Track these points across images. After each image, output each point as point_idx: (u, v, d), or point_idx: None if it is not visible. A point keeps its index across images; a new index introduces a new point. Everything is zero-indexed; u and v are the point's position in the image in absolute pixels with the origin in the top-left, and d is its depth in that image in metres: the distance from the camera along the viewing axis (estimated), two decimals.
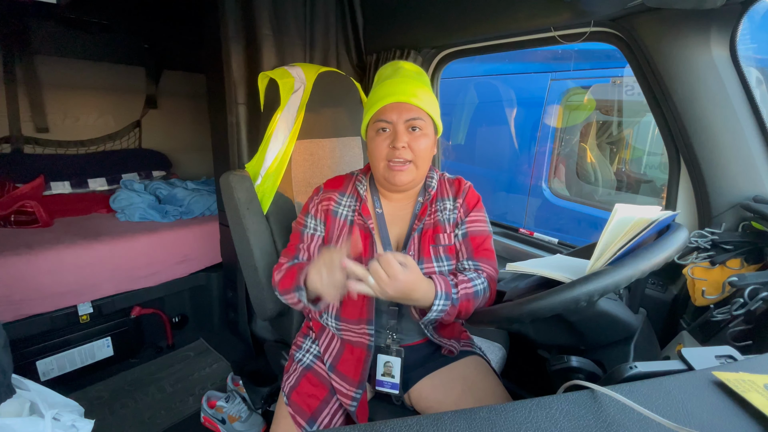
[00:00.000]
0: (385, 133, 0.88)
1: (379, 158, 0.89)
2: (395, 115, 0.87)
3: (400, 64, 0.95)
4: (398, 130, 0.87)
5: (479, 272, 0.89)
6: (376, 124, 0.89)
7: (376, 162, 0.91)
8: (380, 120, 0.88)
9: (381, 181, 0.95)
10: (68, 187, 2.32)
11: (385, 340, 0.93)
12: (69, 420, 0.76)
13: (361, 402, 0.89)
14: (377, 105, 0.88)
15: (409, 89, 0.87)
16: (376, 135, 0.89)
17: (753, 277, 0.75)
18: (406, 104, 0.87)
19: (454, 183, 0.99)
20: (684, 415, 0.39)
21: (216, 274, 2.09)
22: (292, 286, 0.85)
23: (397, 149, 0.86)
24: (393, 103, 0.87)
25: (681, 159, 1.06)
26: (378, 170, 0.92)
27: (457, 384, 0.90)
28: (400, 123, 0.87)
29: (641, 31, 0.99)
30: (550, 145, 2.37)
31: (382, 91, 0.89)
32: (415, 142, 0.87)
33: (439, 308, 0.79)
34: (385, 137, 0.88)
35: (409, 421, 0.41)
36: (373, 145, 0.90)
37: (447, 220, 0.94)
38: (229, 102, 1.44)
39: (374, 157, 0.91)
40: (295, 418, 0.86)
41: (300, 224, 0.99)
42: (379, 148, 0.89)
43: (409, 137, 0.87)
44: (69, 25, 2.22)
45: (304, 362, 0.97)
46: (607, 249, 0.67)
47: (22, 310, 1.55)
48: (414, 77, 0.91)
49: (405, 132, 0.87)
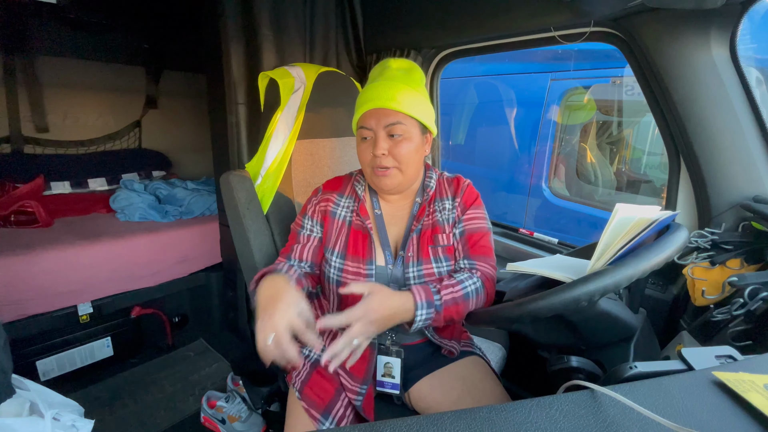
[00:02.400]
0: (367, 141, 0.88)
1: (365, 164, 0.90)
2: (374, 122, 0.85)
3: (388, 63, 0.93)
4: (378, 137, 0.85)
5: (473, 272, 0.88)
6: (360, 131, 0.89)
7: (363, 167, 0.92)
8: (362, 127, 0.88)
9: (372, 186, 0.96)
10: (68, 187, 2.32)
11: (385, 341, 0.93)
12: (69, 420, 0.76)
13: (367, 397, 0.89)
14: (359, 111, 0.89)
15: (390, 93, 0.84)
16: (361, 142, 0.90)
17: (753, 277, 0.75)
18: (384, 110, 0.84)
19: (453, 182, 0.98)
20: (684, 415, 0.39)
21: (216, 274, 2.09)
22: (252, 288, 0.83)
23: (377, 156, 0.86)
24: (372, 109, 0.86)
25: (681, 159, 1.06)
26: (366, 175, 0.93)
27: (456, 384, 0.90)
28: (379, 129, 0.85)
29: (641, 31, 0.99)
30: (550, 145, 2.37)
31: (364, 97, 0.88)
32: (396, 148, 0.85)
33: (423, 317, 0.78)
34: (368, 144, 0.88)
35: (409, 421, 0.41)
36: (359, 151, 0.91)
37: (446, 220, 0.93)
38: (229, 102, 1.44)
39: (361, 163, 0.92)
40: (310, 412, 0.85)
41: (298, 225, 0.98)
42: (364, 155, 0.89)
43: (389, 143, 0.85)
44: (69, 25, 2.22)
45: (312, 357, 0.96)
46: (607, 249, 0.67)
47: (22, 310, 1.55)
48: (399, 78, 0.88)
49: (385, 138, 0.85)
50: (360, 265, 0.90)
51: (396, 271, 0.90)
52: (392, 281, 0.90)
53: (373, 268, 0.90)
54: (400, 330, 0.94)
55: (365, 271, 0.90)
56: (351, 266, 0.91)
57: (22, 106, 2.18)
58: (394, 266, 0.91)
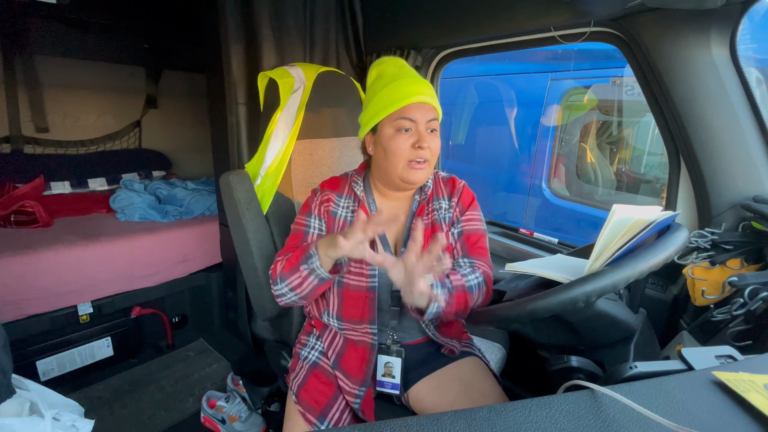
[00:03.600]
0: (407, 132, 0.88)
1: (400, 157, 0.88)
2: (420, 115, 0.87)
3: (401, 61, 0.96)
4: (421, 130, 0.87)
5: (474, 268, 0.89)
6: (396, 122, 0.88)
7: (395, 161, 0.89)
8: (403, 118, 0.87)
9: (393, 180, 0.92)
10: (68, 187, 2.32)
11: (386, 340, 0.93)
12: (69, 420, 0.76)
13: (366, 399, 0.89)
14: (399, 103, 0.87)
15: (427, 90, 0.89)
16: (397, 134, 0.88)
17: (753, 277, 0.75)
18: (428, 105, 0.88)
19: (449, 182, 1.00)
20: (684, 415, 0.39)
21: (216, 274, 2.09)
22: (300, 260, 0.83)
23: (423, 149, 0.87)
24: (417, 103, 0.87)
25: (681, 159, 1.06)
26: (396, 169, 0.89)
27: (453, 386, 0.90)
28: (422, 123, 0.88)
29: (641, 31, 0.99)
30: (550, 145, 2.37)
31: (402, 90, 0.88)
32: (434, 142, 0.89)
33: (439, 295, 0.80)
34: (408, 136, 0.88)
35: (409, 421, 0.41)
36: (395, 144, 0.88)
37: (443, 219, 0.95)
38: (229, 102, 1.44)
39: (394, 156, 0.88)
40: (305, 416, 0.85)
41: (302, 225, 0.97)
42: (402, 148, 0.88)
43: (429, 137, 0.89)
44: (69, 25, 2.22)
45: (310, 359, 0.96)
46: (605, 250, 0.67)
47: (22, 310, 1.55)
48: (421, 78, 0.93)
49: (426, 132, 0.88)
50: (362, 264, 0.91)
51: None
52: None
53: (375, 267, 0.90)
54: (402, 328, 0.94)
55: (367, 271, 0.91)
56: (354, 265, 0.91)
57: (22, 106, 2.17)
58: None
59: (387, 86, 0.90)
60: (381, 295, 0.92)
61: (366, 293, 0.90)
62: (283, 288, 0.88)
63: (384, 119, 0.89)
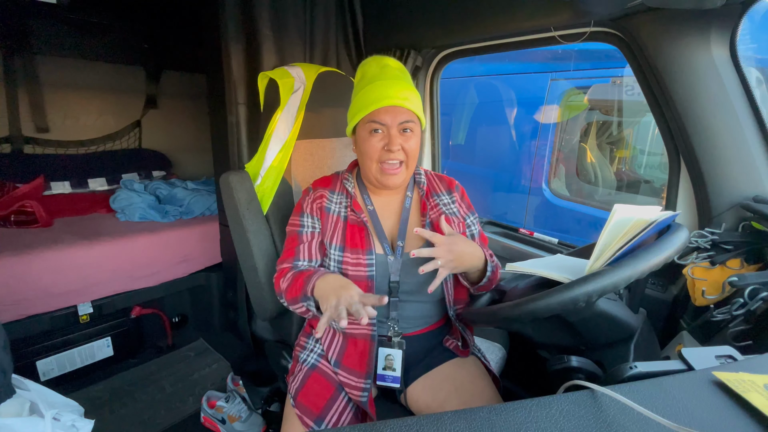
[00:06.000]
0: (378, 134, 0.91)
1: (372, 159, 0.92)
2: (389, 118, 0.90)
3: (385, 61, 0.98)
4: (392, 133, 0.90)
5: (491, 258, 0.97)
6: (369, 125, 0.91)
7: (368, 162, 0.93)
8: (374, 121, 0.90)
9: (372, 180, 0.97)
10: (68, 187, 2.31)
11: (387, 332, 0.94)
12: (69, 420, 0.76)
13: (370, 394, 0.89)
14: (370, 107, 0.90)
15: (401, 92, 0.90)
16: (370, 135, 0.91)
17: (753, 277, 0.75)
18: (399, 108, 0.90)
19: (444, 179, 1.06)
20: (684, 415, 0.39)
21: (216, 274, 2.09)
22: (300, 295, 0.86)
23: (393, 152, 0.90)
24: (388, 106, 0.89)
25: (681, 159, 1.06)
26: (370, 170, 0.94)
27: (445, 385, 0.91)
28: (393, 126, 0.90)
29: (641, 31, 0.99)
30: (550, 145, 2.37)
31: (374, 94, 0.90)
32: (407, 143, 0.91)
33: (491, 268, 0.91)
34: (379, 138, 0.91)
35: (409, 421, 0.41)
36: (367, 145, 0.92)
37: (452, 213, 1.00)
38: (229, 102, 1.44)
39: (366, 157, 0.93)
40: (302, 419, 0.86)
41: (296, 226, 0.99)
42: (373, 149, 0.91)
43: (401, 138, 0.91)
44: (69, 25, 2.22)
45: (309, 362, 0.96)
46: (605, 250, 0.67)
47: (22, 310, 1.55)
48: (400, 77, 0.94)
49: (398, 135, 0.90)
50: (360, 256, 0.92)
51: (396, 261, 0.93)
52: (393, 271, 0.93)
53: (373, 257, 0.92)
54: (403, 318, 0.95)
55: (365, 261, 0.92)
56: (351, 258, 0.93)
57: (22, 106, 2.17)
58: (393, 257, 0.93)
59: (364, 88, 0.93)
60: (379, 284, 0.93)
61: (365, 282, 0.92)
62: (288, 305, 0.94)
63: (359, 122, 0.93)
